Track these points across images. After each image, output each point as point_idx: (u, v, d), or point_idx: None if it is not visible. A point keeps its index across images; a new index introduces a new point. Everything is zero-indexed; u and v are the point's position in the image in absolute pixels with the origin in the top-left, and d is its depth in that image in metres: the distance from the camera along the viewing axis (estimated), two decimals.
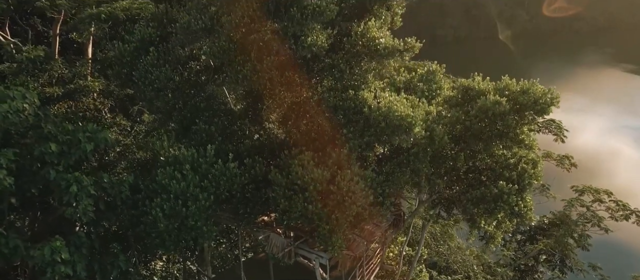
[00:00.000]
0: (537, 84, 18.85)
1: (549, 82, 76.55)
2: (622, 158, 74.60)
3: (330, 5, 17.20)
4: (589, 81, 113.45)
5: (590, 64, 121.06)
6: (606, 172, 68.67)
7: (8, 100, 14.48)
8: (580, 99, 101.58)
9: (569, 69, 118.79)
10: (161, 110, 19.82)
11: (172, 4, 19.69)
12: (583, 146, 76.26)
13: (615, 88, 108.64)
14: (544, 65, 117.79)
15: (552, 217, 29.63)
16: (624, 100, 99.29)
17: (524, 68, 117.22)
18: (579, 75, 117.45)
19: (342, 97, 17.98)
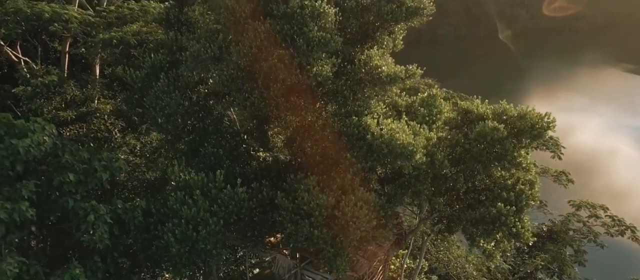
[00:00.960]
0: (533, 110, 19.51)
1: (550, 81, 77.73)
2: (622, 157, 75.27)
3: (335, 37, 17.86)
4: (589, 81, 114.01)
5: (590, 63, 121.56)
6: (605, 171, 69.50)
7: (29, 133, 15.16)
8: (580, 99, 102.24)
9: (569, 68, 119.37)
10: (171, 133, 20.51)
11: (181, 31, 20.34)
12: (583, 146, 77.11)
13: (615, 88, 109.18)
14: (545, 64, 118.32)
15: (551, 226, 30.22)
16: (624, 100, 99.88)
17: (525, 67, 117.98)
18: (579, 74, 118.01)
19: (345, 123, 18.66)
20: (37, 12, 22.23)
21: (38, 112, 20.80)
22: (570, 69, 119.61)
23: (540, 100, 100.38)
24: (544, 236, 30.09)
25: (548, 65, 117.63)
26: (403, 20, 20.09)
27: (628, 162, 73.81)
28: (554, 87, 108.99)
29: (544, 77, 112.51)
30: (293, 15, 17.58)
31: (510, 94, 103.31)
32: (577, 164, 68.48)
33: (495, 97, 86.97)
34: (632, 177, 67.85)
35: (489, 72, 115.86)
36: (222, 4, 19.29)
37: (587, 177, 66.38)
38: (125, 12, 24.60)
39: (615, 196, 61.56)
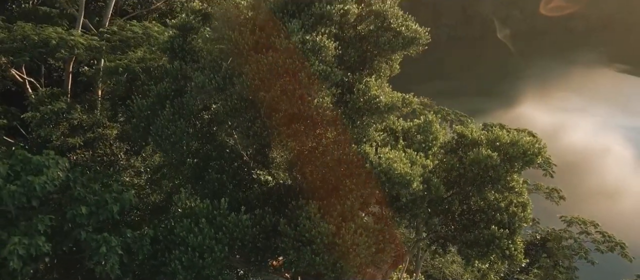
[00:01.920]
0: (525, 135, 20.33)
1: (545, 81, 78.70)
2: (615, 157, 76.31)
3: (335, 70, 18.61)
4: (584, 81, 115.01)
5: (585, 63, 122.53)
6: (599, 170, 70.61)
7: (44, 169, 15.87)
8: (575, 99, 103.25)
9: (564, 69, 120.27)
10: (175, 158, 21.24)
11: (185, 60, 21.05)
12: (577, 145, 78.23)
13: (610, 88, 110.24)
14: (540, 64, 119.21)
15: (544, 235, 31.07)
16: (618, 100, 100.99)
17: (519, 67, 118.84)
18: (573, 74, 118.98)
19: (345, 151, 19.43)
20: (44, 39, 22.86)
21: (47, 139, 21.47)
22: (565, 69, 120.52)
23: (535, 101, 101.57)
24: (538, 245, 30.98)
25: (543, 65, 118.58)
26: (400, 50, 20.87)
27: (621, 161, 74.87)
28: (549, 87, 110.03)
29: (539, 77, 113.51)
30: (295, 51, 18.31)
31: (506, 94, 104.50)
32: (572, 164, 69.76)
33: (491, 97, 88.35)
34: (624, 176, 68.95)
35: (484, 72, 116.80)
36: (225, 35, 20.06)
37: (581, 176, 67.61)
38: (129, 35, 25.23)
39: (608, 195, 62.81)
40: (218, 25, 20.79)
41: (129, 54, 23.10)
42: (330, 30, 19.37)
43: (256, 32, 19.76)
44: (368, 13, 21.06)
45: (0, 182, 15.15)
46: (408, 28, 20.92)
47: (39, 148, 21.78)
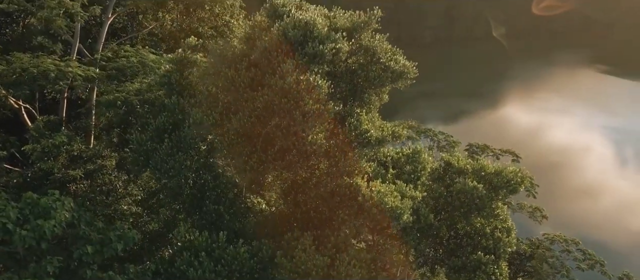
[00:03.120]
0: (508, 166, 21.40)
1: (528, 82, 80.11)
2: (594, 156, 77.91)
3: (329, 108, 19.49)
4: (566, 81, 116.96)
5: (567, 64, 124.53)
6: (580, 169, 72.18)
7: (52, 212, 16.56)
8: (557, 99, 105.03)
9: (547, 69, 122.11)
10: (173, 189, 21.97)
11: (182, 95, 21.78)
12: (559, 145, 79.84)
13: (590, 88, 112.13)
14: (522, 65, 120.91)
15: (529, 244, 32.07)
16: (598, 101, 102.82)
17: (503, 68, 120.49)
18: (556, 75, 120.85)
19: (338, 183, 20.34)
20: (43, 72, 23.43)
21: (48, 172, 22.08)
22: (548, 69, 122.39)
23: (519, 101, 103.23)
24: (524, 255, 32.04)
25: (526, 66, 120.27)
26: (389, 83, 21.82)
27: (601, 160, 76.47)
28: (532, 88, 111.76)
29: (522, 78, 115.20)
30: (289, 90, 19.15)
31: (490, 95, 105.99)
32: (553, 163, 71.43)
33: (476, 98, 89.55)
34: (603, 175, 70.54)
35: (468, 74, 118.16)
36: (221, 71, 20.86)
37: (562, 175, 69.25)
38: (124, 64, 25.85)
39: (588, 192, 64.39)
40: (214, 61, 21.59)
41: (126, 86, 23.74)
42: (323, 68, 20.23)
43: (251, 69, 20.58)
44: (358, 48, 21.96)
45: (11, 227, 15.82)
46: (396, 62, 21.85)
47: (40, 181, 22.48)
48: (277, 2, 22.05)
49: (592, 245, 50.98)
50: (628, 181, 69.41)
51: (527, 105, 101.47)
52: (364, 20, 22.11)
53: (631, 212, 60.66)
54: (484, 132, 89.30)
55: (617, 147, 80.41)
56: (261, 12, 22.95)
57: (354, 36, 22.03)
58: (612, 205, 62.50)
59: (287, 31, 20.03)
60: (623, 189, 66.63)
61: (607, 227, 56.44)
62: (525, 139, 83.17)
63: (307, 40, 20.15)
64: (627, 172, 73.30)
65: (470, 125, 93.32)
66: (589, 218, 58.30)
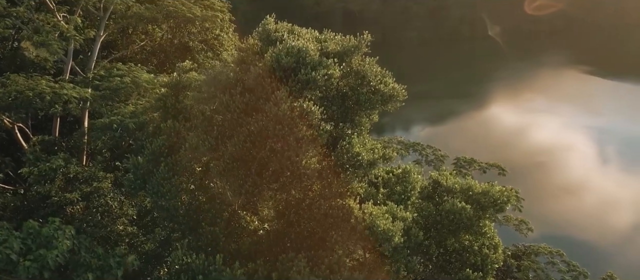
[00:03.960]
0: (495, 186, 22.13)
1: (513, 83, 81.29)
2: (578, 155, 79.20)
3: (322, 133, 20.09)
4: (550, 82, 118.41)
5: (551, 65, 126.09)
6: (564, 168, 73.44)
7: (54, 241, 17.00)
8: (541, 100, 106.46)
9: (531, 71, 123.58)
10: (169, 211, 22.42)
11: (178, 118, 22.25)
12: (544, 144, 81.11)
13: (574, 89, 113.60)
14: (507, 66, 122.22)
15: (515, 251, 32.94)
16: (582, 101, 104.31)
17: (488, 69, 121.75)
18: (540, 76, 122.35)
19: (331, 205, 20.94)
20: (39, 95, 23.77)
21: (45, 195, 22.44)
22: (532, 71, 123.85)
23: (504, 102, 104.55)
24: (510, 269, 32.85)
25: (511, 66, 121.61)
26: (379, 106, 22.43)
27: (583, 159, 77.75)
28: (517, 88, 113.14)
29: (508, 78, 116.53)
30: (284, 117, 19.71)
31: (476, 96, 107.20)
32: (539, 163, 72.64)
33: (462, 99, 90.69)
34: (586, 173, 71.82)
35: (454, 75, 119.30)
36: (217, 95, 21.37)
37: (547, 174, 70.52)
38: (118, 85, 26.22)
39: (571, 191, 65.64)
40: (208, 86, 22.10)
41: (120, 108, 24.13)
42: (316, 94, 20.82)
43: (245, 94, 21.11)
44: (349, 72, 22.54)
45: (15, 258, 16.24)
46: (386, 85, 22.45)
47: (37, 204, 22.84)
48: (269, 27, 22.61)
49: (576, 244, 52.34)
50: (610, 180, 70.73)
51: (513, 105, 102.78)
52: (354, 45, 22.72)
53: (613, 210, 61.92)
54: (471, 132, 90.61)
55: (600, 147, 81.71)
56: (254, 36, 23.50)
57: (345, 60, 22.60)
58: (595, 203, 63.63)
59: (280, 58, 20.57)
60: (606, 187, 67.88)
61: (591, 225, 57.58)
62: (511, 138, 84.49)
63: (300, 66, 20.71)
64: (609, 170, 74.62)
65: (458, 125, 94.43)
66: (573, 217, 59.45)
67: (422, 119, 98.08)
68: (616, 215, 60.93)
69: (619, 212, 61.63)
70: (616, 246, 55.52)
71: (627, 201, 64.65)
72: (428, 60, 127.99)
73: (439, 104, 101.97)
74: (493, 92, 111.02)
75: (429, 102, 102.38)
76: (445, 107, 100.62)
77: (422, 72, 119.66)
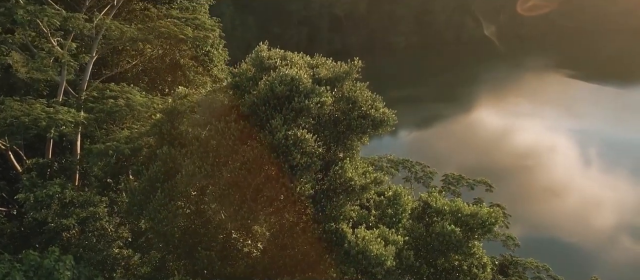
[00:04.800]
0: (483, 207, 22.84)
1: (499, 87, 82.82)
2: (561, 157, 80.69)
3: (316, 161, 20.64)
4: (535, 86, 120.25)
5: (535, 68, 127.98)
6: (548, 170, 74.88)
7: (55, 272, 17.38)
8: (526, 104, 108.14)
9: (516, 74, 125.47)
10: (165, 236, 22.85)
11: (173, 144, 22.67)
12: (528, 147, 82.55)
13: (558, 92, 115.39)
14: (493, 70, 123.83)
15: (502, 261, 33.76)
16: (565, 104, 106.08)
17: (474, 73, 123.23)
18: (524, 79, 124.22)
19: (324, 229, 21.50)
20: (34, 120, 24.03)
21: (42, 221, 22.74)
22: (517, 74, 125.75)
23: (490, 106, 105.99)
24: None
25: (496, 71, 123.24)
26: (370, 130, 23.04)
27: (566, 161, 79.19)
28: (502, 92, 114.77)
29: (493, 82, 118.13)
30: (278, 145, 20.24)
31: (462, 99, 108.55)
32: (524, 165, 73.92)
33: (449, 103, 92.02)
34: (570, 175, 73.22)
35: (441, 79, 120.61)
36: (212, 122, 21.84)
37: (532, 176, 71.87)
38: (112, 108, 26.53)
39: (554, 192, 66.99)
40: (204, 112, 22.56)
41: (116, 133, 24.47)
42: (309, 121, 21.37)
43: (240, 122, 21.61)
44: (340, 97, 23.11)
45: None
46: (377, 109, 23.05)
47: (34, 230, 23.15)
48: (263, 54, 23.12)
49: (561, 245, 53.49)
50: (593, 181, 72.16)
51: (499, 109, 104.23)
52: (345, 71, 23.30)
53: (596, 211, 63.30)
54: (458, 135, 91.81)
55: (583, 149, 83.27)
56: (247, 61, 24.01)
57: (336, 86, 23.17)
58: (578, 204, 64.99)
59: (274, 86, 21.10)
60: (588, 188, 69.31)
61: (575, 226, 58.92)
62: (497, 141, 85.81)
63: (294, 94, 21.24)
64: (592, 172, 76.10)
65: (445, 129, 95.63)
66: (557, 217, 60.77)
67: (409, 123, 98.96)
68: (599, 216, 62.39)
69: (601, 213, 63.11)
70: (599, 246, 56.91)
71: (609, 202, 66.17)
72: (414, 64, 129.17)
73: (425, 108, 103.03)
74: (478, 95, 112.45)
75: (416, 105, 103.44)
76: (432, 111, 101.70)
77: (409, 75, 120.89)
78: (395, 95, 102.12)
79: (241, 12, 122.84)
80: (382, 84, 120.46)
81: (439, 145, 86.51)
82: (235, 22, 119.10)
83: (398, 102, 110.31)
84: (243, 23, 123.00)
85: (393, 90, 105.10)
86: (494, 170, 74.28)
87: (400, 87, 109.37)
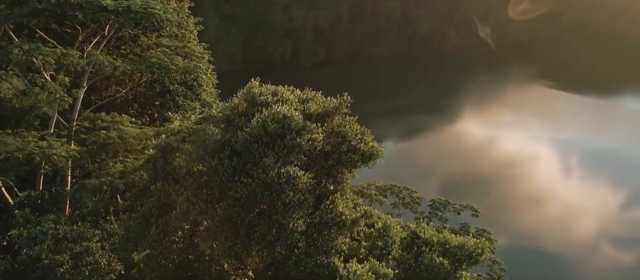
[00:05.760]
0: (470, 239, 23.55)
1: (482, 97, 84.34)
2: (543, 167, 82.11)
3: (308, 197, 21.19)
4: (517, 97, 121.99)
5: (517, 79, 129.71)
6: (531, 180, 76.17)
7: None
8: (509, 114, 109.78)
9: (499, 85, 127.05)
10: (160, 271, 23.22)
11: (167, 180, 23.08)
12: (511, 157, 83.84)
13: (540, 103, 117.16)
14: (476, 80, 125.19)
15: None
16: (547, 115, 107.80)
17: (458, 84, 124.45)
18: (507, 90, 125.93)
19: (316, 263, 22.02)
20: (28, 155, 24.26)
21: (36, 258, 22.98)
22: (499, 84, 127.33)
23: (473, 117, 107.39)
24: None
25: (479, 81, 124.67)
26: (360, 164, 23.65)
27: (548, 171, 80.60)
28: (485, 103, 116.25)
29: (476, 93, 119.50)
30: (271, 183, 20.76)
31: (446, 110, 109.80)
32: (507, 175, 75.12)
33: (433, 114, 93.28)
34: (552, 185, 74.58)
35: (425, 90, 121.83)
36: (205, 160, 22.29)
37: (515, 185, 73.12)
38: (105, 140, 26.83)
39: (537, 201, 68.21)
40: (197, 148, 23.02)
41: (109, 168, 24.80)
42: (301, 158, 21.93)
43: (233, 159, 22.09)
44: (330, 132, 23.71)
45: None
46: (366, 143, 23.67)
47: (28, 266, 23.38)
48: (255, 91, 23.65)
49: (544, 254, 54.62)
50: (574, 190, 73.58)
51: (482, 119, 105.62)
52: (335, 106, 23.91)
53: (578, 219, 64.61)
54: (443, 146, 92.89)
55: (564, 158, 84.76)
56: (239, 96, 24.54)
57: (327, 121, 23.76)
58: (560, 213, 66.21)
59: (267, 125, 21.63)
60: (570, 197, 70.66)
61: (557, 235, 60.09)
62: (481, 152, 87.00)
63: (286, 132, 21.79)
64: (573, 181, 77.57)
65: (430, 139, 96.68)
66: (540, 226, 61.91)
67: (394, 134, 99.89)
68: (581, 224, 63.67)
69: (583, 221, 64.39)
70: (581, 255, 58.11)
71: (590, 210, 67.54)
72: (399, 76, 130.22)
73: (410, 118, 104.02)
74: (462, 106, 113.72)
75: (401, 116, 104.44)
76: (416, 122, 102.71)
77: (394, 87, 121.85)
78: (380, 107, 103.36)
79: (225, 24, 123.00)
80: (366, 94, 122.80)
81: (424, 155, 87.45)
82: (219, 34, 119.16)
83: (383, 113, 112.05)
84: (227, 35, 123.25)
85: (378, 101, 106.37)
86: (478, 180, 75.60)
87: (385, 98, 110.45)
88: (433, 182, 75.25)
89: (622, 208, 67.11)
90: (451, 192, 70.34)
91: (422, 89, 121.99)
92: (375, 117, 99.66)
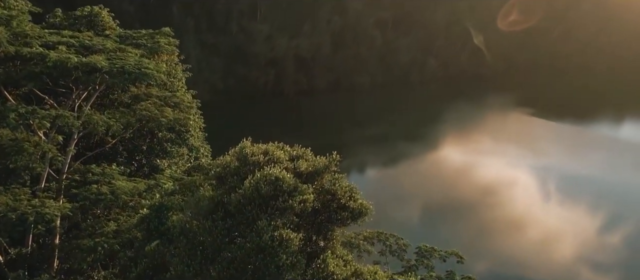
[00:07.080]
0: None
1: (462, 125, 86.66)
2: (521, 193, 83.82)
3: (301, 259, 21.82)
4: (496, 124, 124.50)
5: (495, 107, 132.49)
6: (510, 205, 77.77)
7: None
8: (488, 141, 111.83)
9: (478, 112, 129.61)
10: None
11: (162, 241, 23.54)
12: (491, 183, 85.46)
13: (518, 131, 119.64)
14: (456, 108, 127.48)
15: None
16: (525, 141, 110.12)
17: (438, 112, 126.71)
18: (487, 118, 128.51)
19: None
20: (21, 216, 24.52)
21: None
22: (479, 112, 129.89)
23: (454, 144, 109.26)
24: None
25: (458, 109, 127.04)
26: (350, 222, 24.37)
27: (527, 196, 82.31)
28: (465, 130, 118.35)
29: (456, 120, 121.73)
30: (265, 247, 21.35)
31: (428, 138, 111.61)
32: (489, 202, 76.52)
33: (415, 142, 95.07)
34: (530, 210, 76.24)
35: (406, 118, 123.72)
36: (199, 222, 22.82)
37: (495, 211, 74.56)
38: (96, 195, 27.18)
39: (516, 226, 69.65)
40: (191, 208, 23.56)
41: (103, 228, 25.18)
42: (293, 219, 22.58)
43: (227, 220, 22.66)
44: (320, 191, 24.41)
45: None
46: (355, 201, 24.39)
47: None
48: (246, 151, 24.32)
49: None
50: (552, 215, 75.31)
51: (462, 147, 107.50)
52: (324, 164, 24.64)
53: (556, 244, 66.10)
54: (424, 173, 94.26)
55: (542, 184, 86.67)
56: (231, 154, 25.18)
57: (317, 179, 24.49)
58: (539, 237, 67.68)
59: (260, 187, 22.27)
60: (548, 223, 72.34)
61: (536, 259, 61.41)
62: (461, 178, 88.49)
63: (278, 194, 22.44)
64: (551, 207, 79.41)
65: (410, 167, 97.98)
66: (519, 252, 63.28)
67: (377, 162, 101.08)
68: (559, 249, 65.21)
69: (561, 246, 65.96)
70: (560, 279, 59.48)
71: (568, 235, 69.14)
72: (380, 104, 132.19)
73: (392, 146, 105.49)
74: (443, 134, 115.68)
75: (383, 144, 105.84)
76: (398, 149, 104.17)
77: (375, 115, 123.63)
78: (362, 134, 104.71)
79: (207, 54, 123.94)
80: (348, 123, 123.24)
81: (405, 183, 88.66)
82: (201, 64, 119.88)
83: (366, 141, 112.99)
84: (209, 65, 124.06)
85: (359, 129, 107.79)
86: (458, 207, 76.97)
87: (367, 126, 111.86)
88: (414, 209, 76.46)
89: (599, 233, 68.97)
90: (432, 219, 71.71)
91: (403, 116, 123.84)
92: (357, 145, 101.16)
